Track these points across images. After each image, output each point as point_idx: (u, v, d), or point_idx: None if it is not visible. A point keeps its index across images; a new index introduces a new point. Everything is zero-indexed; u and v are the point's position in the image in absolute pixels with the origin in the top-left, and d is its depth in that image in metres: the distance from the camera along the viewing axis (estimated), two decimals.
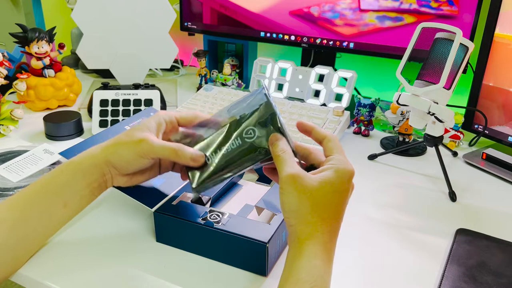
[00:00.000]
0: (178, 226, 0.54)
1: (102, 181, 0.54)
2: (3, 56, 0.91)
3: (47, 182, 0.53)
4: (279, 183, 0.46)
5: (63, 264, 0.53)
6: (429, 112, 0.68)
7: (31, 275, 0.51)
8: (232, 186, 0.65)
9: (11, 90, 0.92)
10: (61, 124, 0.86)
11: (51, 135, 0.87)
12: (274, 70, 1.01)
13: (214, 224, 0.52)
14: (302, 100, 0.98)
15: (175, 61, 1.32)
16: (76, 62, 1.33)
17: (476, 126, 0.86)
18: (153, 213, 0.55)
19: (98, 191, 0.55)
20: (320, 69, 0.96)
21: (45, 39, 0.97)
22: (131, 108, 0.89)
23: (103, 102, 0.89)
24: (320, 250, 0.44)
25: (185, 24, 1.16)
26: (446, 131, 0.83)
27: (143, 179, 0.56)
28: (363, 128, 0.92)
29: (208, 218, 0.53)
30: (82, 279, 0.51)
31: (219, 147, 0.52)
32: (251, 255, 0.51)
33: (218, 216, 0.53)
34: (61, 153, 0.65)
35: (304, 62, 1.10)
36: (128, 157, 0.52)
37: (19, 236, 0.51)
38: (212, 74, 1.17)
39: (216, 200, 0.61)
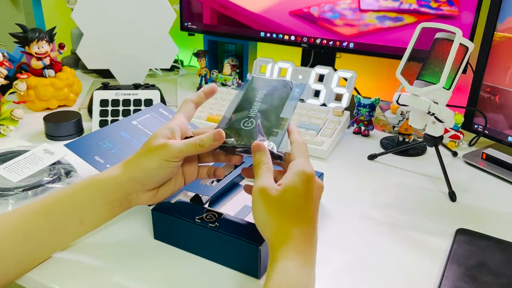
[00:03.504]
0: (174, 225, 0.54)
1: (125, 200, 0.53)
2: (3, 56, 0.91)
3: (66, 196, 0.52)
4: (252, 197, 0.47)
5: (61, 263, 0.53)
6: (429, 112, 0.67)
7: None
8: (233, 187, 0.65)
9: (11, 90, 0.93)
10: (61, 124, 0.86)
11: (51, 135, 0.87)
12: (274, 70, 1.01)
13: (209, 224, 0.52)
14: (302, 100, 0.98)
15: (175, 61, 1.32)
16: (76, 62, 1.33)
17: (476, 126, 0.86)
18: (151, 210, 0.55)
19: (119, 209, 0.54)
20: (320, 69, 0.96)
21: (45, 39, 0.97)
22: (131, 108, 0.89)
23: (103, 102, 0.89)
24: (292, 253, 0.44)
25: (185, 24, 1.16)
26: (446, 131, 0.83)
27: (168, 193, 0.55)
28: (363, 128, 0.92)
29: (204, 218, 0.53)
30: (77, 276, 0.51)
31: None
32: (244, 257, 0.51)
33: (214, 216, 0.53)
34: (66, 145, 0.65)
35: (304, 62, 1.10)
36: (153, 165, 0.51)
37: (30, 248, 0.50)
38: (212, 74, 1.17)
39: (216, 200, 0.61)
